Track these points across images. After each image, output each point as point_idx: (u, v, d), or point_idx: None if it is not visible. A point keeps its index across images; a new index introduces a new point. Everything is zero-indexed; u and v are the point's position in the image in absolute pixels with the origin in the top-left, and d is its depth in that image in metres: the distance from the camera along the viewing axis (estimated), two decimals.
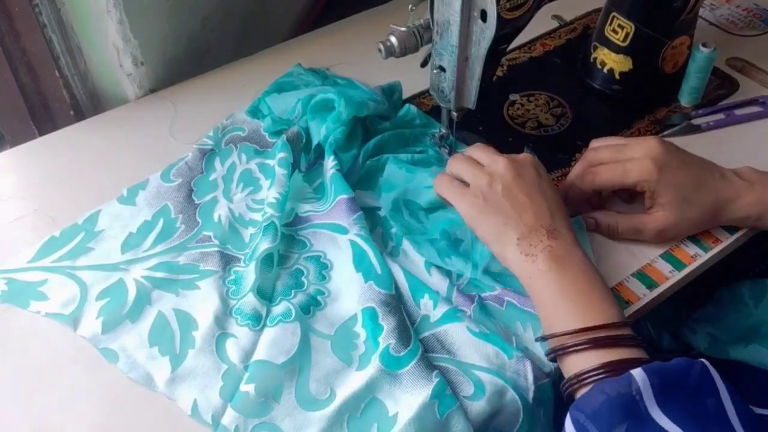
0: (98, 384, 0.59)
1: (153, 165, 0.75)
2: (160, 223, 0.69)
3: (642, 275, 0.67)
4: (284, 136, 0.73)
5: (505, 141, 0.79)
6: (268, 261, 0.64)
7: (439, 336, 0.61)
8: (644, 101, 0.83)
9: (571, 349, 0.55)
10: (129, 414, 0.57)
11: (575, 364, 0.55)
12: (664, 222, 0.66)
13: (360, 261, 0.65)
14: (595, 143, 0.71)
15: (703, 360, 0.51)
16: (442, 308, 0.62)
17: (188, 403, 0.57)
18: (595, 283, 0.58)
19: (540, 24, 0.93)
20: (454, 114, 0.71)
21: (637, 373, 0.50)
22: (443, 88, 0.69)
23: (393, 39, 0.67)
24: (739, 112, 0.81)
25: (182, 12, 0.85)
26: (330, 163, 0.71)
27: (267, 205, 0.68)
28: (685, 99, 0.83)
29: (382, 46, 0.67)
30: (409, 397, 0.56)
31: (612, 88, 0.84)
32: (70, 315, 0.62)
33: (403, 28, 0.66)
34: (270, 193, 0.69)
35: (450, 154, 0.76)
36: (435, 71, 0.68)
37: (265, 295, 0.63)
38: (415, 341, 0.59)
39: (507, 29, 0.63)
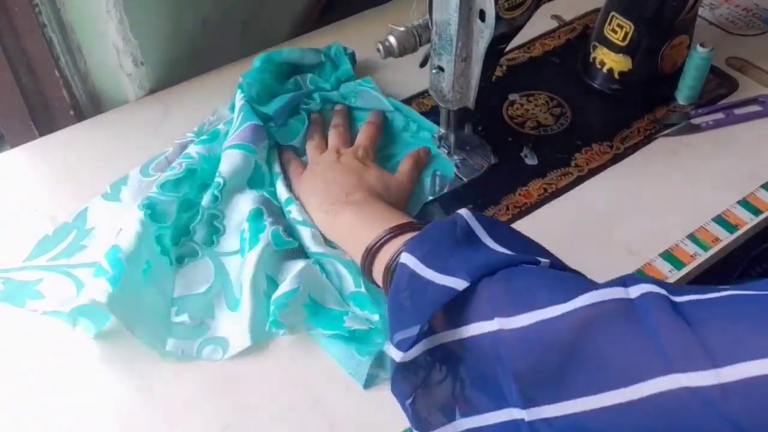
0: (98, 384, 0.59)
1: None
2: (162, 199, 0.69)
3: (641, 274, 0.67)
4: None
5: (504, 141, 0.79)
6: (184, 205, 0.68)
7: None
8: (644, 101, 0.83)
9: (376, 245, 0.57)
10: (129, 414, 0.58)
11: (385, 255, 0.56)
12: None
13: (257, 179, 0.70)
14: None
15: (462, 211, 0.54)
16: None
17: (133, 329, 0.59)
18: (392, 211, 0.63)
19: (539, 24, 0.93)
20: (454, 114, 0.71)
21: (463, 212, 0.52)
22: (442, 88, 0.69)
23: (392, 39, 0.67)
24: (738, 111, 0.81)
25: (182, 12, 0.85)
26: (239, 95, 0.75)
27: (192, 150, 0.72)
28: (682, 98, 0.83)
29: (381, 46, 0.67)
30: (290, 266, 0.64)
31: (611, 87, 0.84)
32: (70, 313, 0.62)
33: (402, 28, 0.67)
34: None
35: (450, 154, 0.76)
36: (434, 71, 0.68)
37: (176, 235, 0.66)
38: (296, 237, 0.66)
39: (506, 29, 0.63)
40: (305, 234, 0.66)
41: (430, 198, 0.73)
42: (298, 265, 0.63)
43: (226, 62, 0.89)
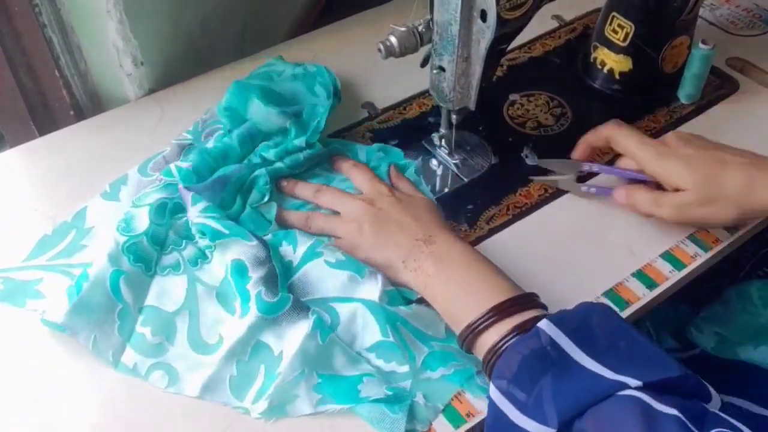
0: (98, 384, 0.59)
1: None
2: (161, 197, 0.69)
3: (642, 275, 0.67)
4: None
5: (505, 141, 0.79)
6: (161, 209, 0.66)
7: (302, 279, 0.64)
8: (644, 101, 0.83)
9: (477, 329, 0.55)
10: (129, 414, 0.57)
11: (486, 341, 0.55)
12: (684, 202, 0.63)
13: (258, 225, 0.68)
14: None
15: (601, 303, 0.52)
16: (302, 248, 0.65)
17: (89, 339, 0.59)
18: (483, 270, 0.60)
19: (540, 24, 0.93)
20: (454, 114, 0.71)
21: (544, 324, 0.51)
22: (443, 88, 0.69)
23: (393, 39, 0.67)
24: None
25: (182, 12, 0.85)
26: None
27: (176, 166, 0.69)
28: (684, 96, 0.83)
29: (382, 46, 0.67)
30: (291, 334, 0.59)
31: (612, 88, 0.84)
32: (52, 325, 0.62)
33: (403, 28, 0.66)
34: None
35: (450, 154, 0.76)
36: (435, 71, 0.68)
37: (157, 240, 0.65)
38: (282, 289, 0.61)
39: (507, 29, 0.63)
40: (338, 278, 0.62)
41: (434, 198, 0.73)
42: (298, 332, 0.59)
43: (226, 62, 0.89)
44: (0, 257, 0.67)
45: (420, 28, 0.66)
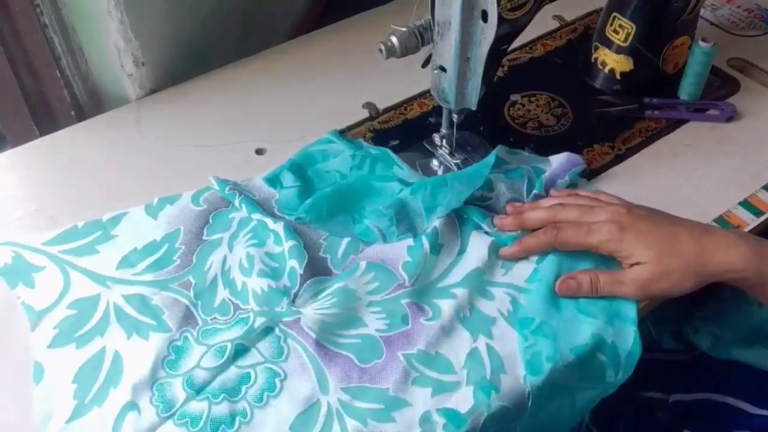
0: None
1: (153, 165, 0.76)
2: (164, 249, 0.67)
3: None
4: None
5: (506, 141, 0.78)
6: (221, 350, 0.60)
7: None
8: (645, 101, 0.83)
9: None
10: None
11: None
12: (644, 277, 0.63)
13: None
14: (559, 197, 0.70)
15: None
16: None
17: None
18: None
19: (541, 24, 0.93)
20: (455, 114, 0.71)
21: None
22: (444, 88, 0.69)
23: (394, 39, 0.67)
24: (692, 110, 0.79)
25: (183, 12, 0.85)
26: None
27: (252, 295, 0.63)
28: (684, 95, 0.83)
29: (383, 47, 0.67)
30: None
31: (613, 88, 0.84)
32: (37, 313, 0.62)
33: (404, 29, 0.66)
34: (260, 282, 0.64)
35: (450, 154, 0.76)
36: (436, 71, 0.68)
37: (194, 385, 0.58)
38: None
39: (508, 30, 0.63)
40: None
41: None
42: None
43: (226, 62, 0.89)
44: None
45: (421, 28, 0.66)
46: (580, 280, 0.64)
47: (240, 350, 0.60)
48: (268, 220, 0.68)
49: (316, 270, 0.65)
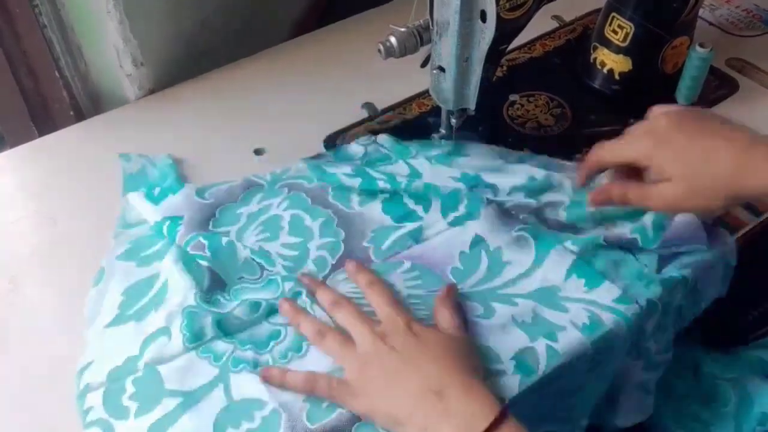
0: None
1: None
2: (165, 225, 0.68)
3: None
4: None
5: (504, 141, 0.79)
6: (254, 306, 0.61)
7: None
8: (644, 101, 0.83)
9: None
10: None
11: None
12: (670, 194, 0.61)
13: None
14: None
15: None
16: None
17: (84, 360, 0.58)
18: None
19: (540, 24, 0.93)
20: (454, 114, 0.71)
21: None
22: (443, 88, 0.69)
23: (393, 39, 0.67)
24: None
25: (182, 12, 0.85)
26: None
27: (282, 247, 0.66)
28: (682, 98, 0.83)
29: (381, 47, 0.67)
30: None
31: (612, 88, 0.84)
32: (128, 225, 0.67)
33: (403, 29, 0.66)
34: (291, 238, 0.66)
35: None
36: (435, 72, 0.68)
37: (223, 328, 0.59)
38: None
39: (507, 30, 0.63)
40: None
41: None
42: None
43: (226, 62, 0.89)
44: (0, 258, 0.67)
45: (420, 28, 0.66)
46: (609, 190, 0.65)
47: (272, 309, 0.61)
48: (307, 217, 0.69)
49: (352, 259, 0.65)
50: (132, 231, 0.67)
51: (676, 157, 0.61)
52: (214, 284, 0.63)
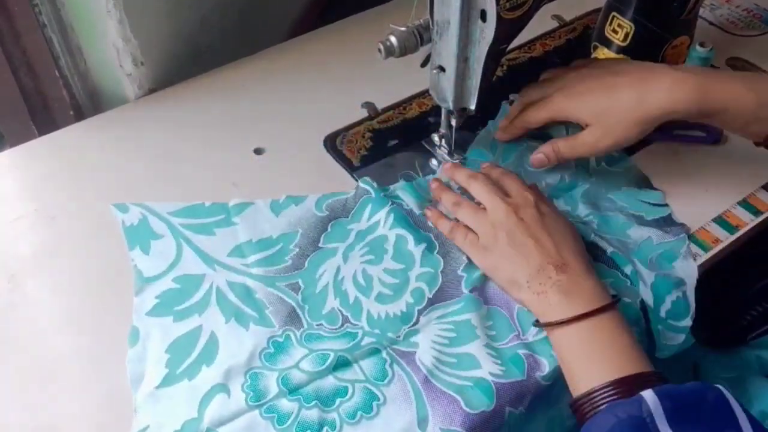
0: (98, 384, 0.59)
1: (153, 165, 0.76)
2: (278, 247, 0.67)
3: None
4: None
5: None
6: (323, 357, 0.59)
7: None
8: None
9: (597, 403, 0.53)
10: (128, 413, 0.58)
11: (586, 382, 0.54)
12: (591, 138, 0.68)
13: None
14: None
15: (719, 386, 0.50)
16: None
17: (139, 425, 0.55)
18: (610, 320, 0.57)
19: (540, 24, 0.93)
20: (454, 114, 0.71)
21: (648, 395, 0.49)
22: (443, 88, 0.69)
23: (393, 39, 0.67)
24: (679, 132, 0.78)
25: (182, 12, 0.85)
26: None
27: (367, 316, 0.63)
28: None
29: (381, 46, 0.67)
30: None
31: None
32: (145, 279, 0.64)
33: (403, 28, 0.66)
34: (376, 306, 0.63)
35: (450, 154, 0.76)
36: (435, 71, 0.68)
37: (288, 384, 0.57)
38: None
39: (507, 29, 0.63)
40: None
41: None
42: None
43: (226, 62, 0.89)
44: (0, 258, 0.67)
45: (420, 28, 0.66)
46: (544, 150, 0.71)
47: (342, 362, 0.59)
48: (411, 239, 0.67)
49: (447, 295, 0.64)
50: (154, 285, 0.64)
51: (585, 102, 0.67)
52: (290, 321, 0.62)
